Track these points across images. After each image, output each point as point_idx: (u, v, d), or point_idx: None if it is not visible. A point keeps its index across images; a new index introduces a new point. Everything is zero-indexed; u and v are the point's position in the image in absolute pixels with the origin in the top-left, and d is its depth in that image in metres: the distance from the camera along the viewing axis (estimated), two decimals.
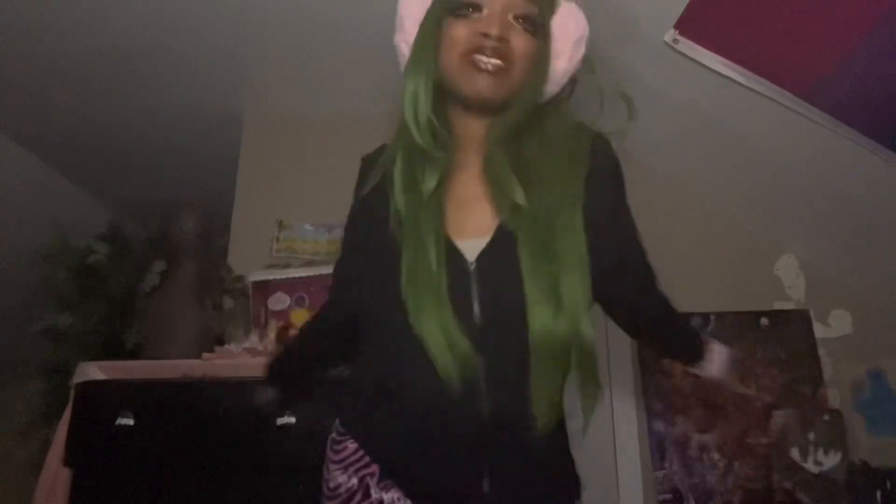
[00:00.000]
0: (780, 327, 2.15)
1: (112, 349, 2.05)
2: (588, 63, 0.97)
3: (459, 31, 0.88)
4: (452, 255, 0.86)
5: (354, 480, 0.91)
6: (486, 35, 0.86)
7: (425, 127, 0.88)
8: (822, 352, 2.13)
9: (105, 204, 3.18)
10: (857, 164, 1.76)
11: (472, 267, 0.86)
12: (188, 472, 1.55)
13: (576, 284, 0.82)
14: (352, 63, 2.09)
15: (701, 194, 2.32)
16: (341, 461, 0.93)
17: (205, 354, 1.77)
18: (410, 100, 0.89)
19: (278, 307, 2.10)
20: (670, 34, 1.73)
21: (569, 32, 0.92)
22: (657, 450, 2.04)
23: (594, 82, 0.99)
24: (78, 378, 1.65)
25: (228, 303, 2.16)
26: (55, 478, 1.57)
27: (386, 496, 0.90)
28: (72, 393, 1.63)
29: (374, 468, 0.91)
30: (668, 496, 2.00)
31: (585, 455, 2.11)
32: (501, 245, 0.85)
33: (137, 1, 1.90)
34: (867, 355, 2.13)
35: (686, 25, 1.70)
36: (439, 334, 0.81)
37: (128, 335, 2.04)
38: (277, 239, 2.33)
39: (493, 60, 0.86)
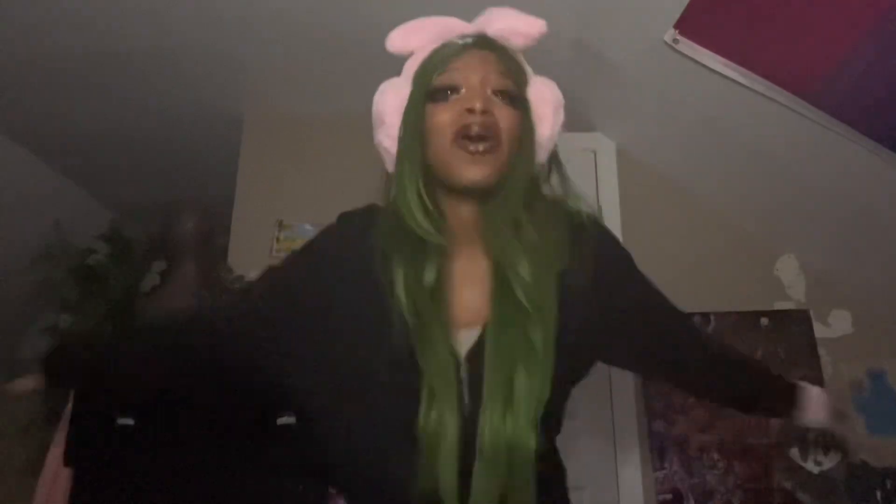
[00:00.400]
0: (780, 327, 2.15)
1: None
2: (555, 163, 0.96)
3: (443, 116, 0.86)
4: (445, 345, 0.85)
5: None
6: (470, 111, 0.85)
7: (425, 219, 0.86)
8: (822, 352, 2.13)
9: (105, 204, 3.18)
10: (857, 165, 1.76)
11: (462, 361, 0.85)
12: (188, 472, 1.55)
13: (525, 385, 0.81)
14: (351, 63, 2.09)
15: (701, 194, 2.32)
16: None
17: None
18: (408, 194, 0.87)
19: None
20: (670, 34, 1.73)
21: (547, 99, 0.93)
22: (657, 450, 2.04)
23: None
24: None
25: None
26: (55, 478, 1.57)
27: None
28: (72, 393, 1.63)
29: None
30: (668, 496, 2.00)
31: (586, 455, 2.11)
32: (489, 349, 0.84)
33: (138, 1, 1.90)
34: (867, 355, 2.13)
35: (686, 25, 1.70)
36: (448, 458, 0.79)
37: None
38: (277, 239, 2.33)
39: (483, 142, 0.85)
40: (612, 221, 2.29)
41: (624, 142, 2.36)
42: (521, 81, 0.92)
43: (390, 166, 0.93)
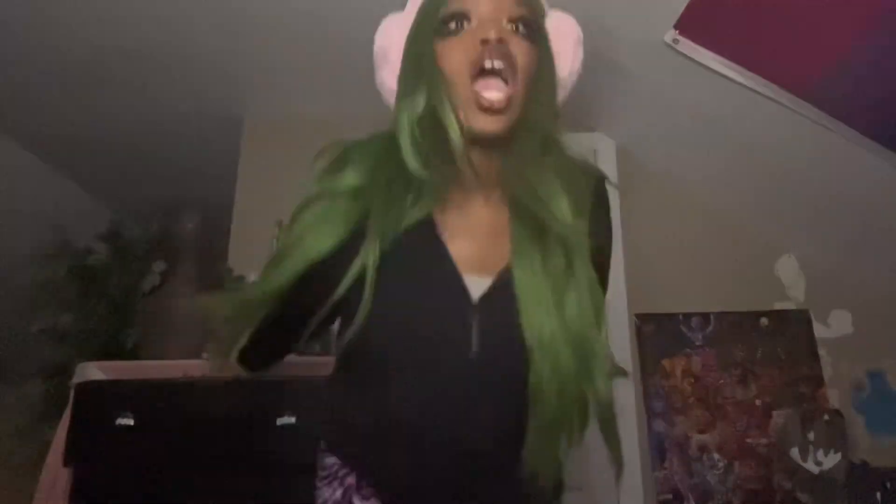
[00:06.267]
0: (780, 327, 2.15)
1: (112, 349, 2.05)
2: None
3: (455, 55, 0.78)
4: (457, 289, 0.81)
5: (339, 492, 0.89)
6: (485, 41, 0.76)
7: (416, 159, 0.78)
8: (822, 352, 2.13)
9: (105, 204, 3.17)
10: (856, 164, 1.76)
11: (476, 304, 0.81)
12: (188, 472, 1.55)
13: (587, 304, 0.78)
14: (351, 64, 2.09)
15: (701, 194, 2.32)
16: (325, 476, 0.92)
17: (205, 354, 1.77)
18: (408, 130, 0.79)
19: None
20: (670, 34, 1.73)
21: (565, 32, 0.87)
22: (657, 450, 2.04)
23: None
24: (78, 378, 1.65)
25: None
26: (55, 478, 1.57)
27: None
28: (72, 393, 1.63)
29: (352, 479, 0.89)
30: (668, 496, 2.00)
31: (586, 455, 2.11)
32: (505, 285, 0.81)
33: (138, 2, 1.90)
34: (867, 355, 2.13)
35: (686, 25, 1.70)
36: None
37: (128, 335, 2.04)
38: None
39: (498, 90, 0.77)
40: (612, 221, 2.29)
41: (624, 142, 2.36)
42: (538, 9, 0.85)
43: (389, 100, 0.88)
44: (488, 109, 0.77)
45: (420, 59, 0.80)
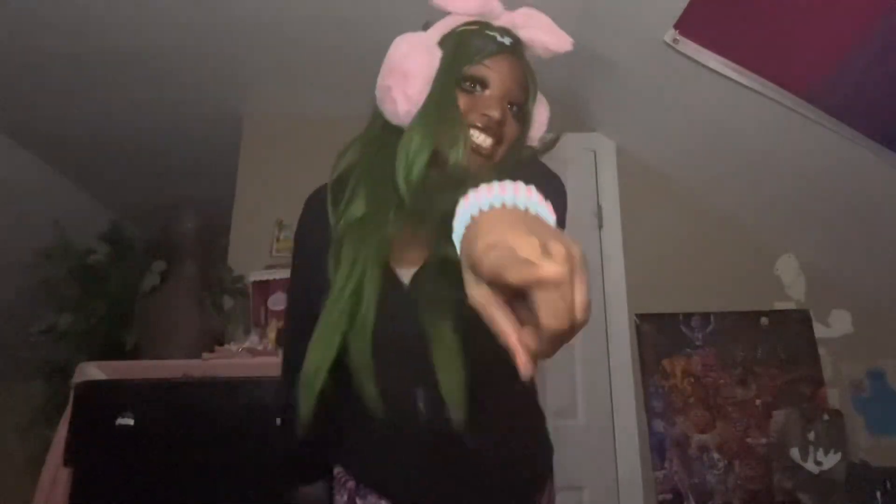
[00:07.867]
0: (780, 327, 2.15)
1: (112, 349, 2.05)
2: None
3: (464, 104, 0.94)
4: (392, 279, 0.99)
5: (345, 497, 1.06)
6: (488, 116, 0.93)
7: (414, 188, 0.92)
8: (822, 352, 2.13)
9: (105, 204, 3.18)
10: (856, 164, 1.76)
11: (407, 288, 0.99)
12: (188, 472, 1.55)
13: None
14: (349, 64, 2.09)
15: (701, 194, 2.32)
16: (335, 486, 1.09)
17: (205, 354, 1.77)
18: (409, 159, 0.92)
19: (278, 307, 2.10)
20: (670, 34, 1.73)
21: (541, 120, 1.05)
22: (657, 450, 2.04)
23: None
24: (78, 378, 1.65)
25: (228, 303, 2.16)
26: (55, 478, 1.57)
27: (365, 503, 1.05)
28: (72, 393, 1.63)
29: (352, 483, 1.06)
30: (668, 496, 2.00)
31: (586, 455, 2.12)
32: (427, 273, 0.98)
33: (138, 3, 1.90)
34: (867, 355, 2.13)
35: (686, 25, 1.70)
36: (313, 368, 0.91)
37: (128, 335, 2.04)
38: (277, 239, 2.33)
39: (489, 141, 0.94)
40: (612, 221, 2.29)
41: (624, 142, 2.36)
42: (532, 96, 1.02)
43: (390, 110, 0.96)
44: (477, 149, 0.94)
45: (444, 105, 0.95)
